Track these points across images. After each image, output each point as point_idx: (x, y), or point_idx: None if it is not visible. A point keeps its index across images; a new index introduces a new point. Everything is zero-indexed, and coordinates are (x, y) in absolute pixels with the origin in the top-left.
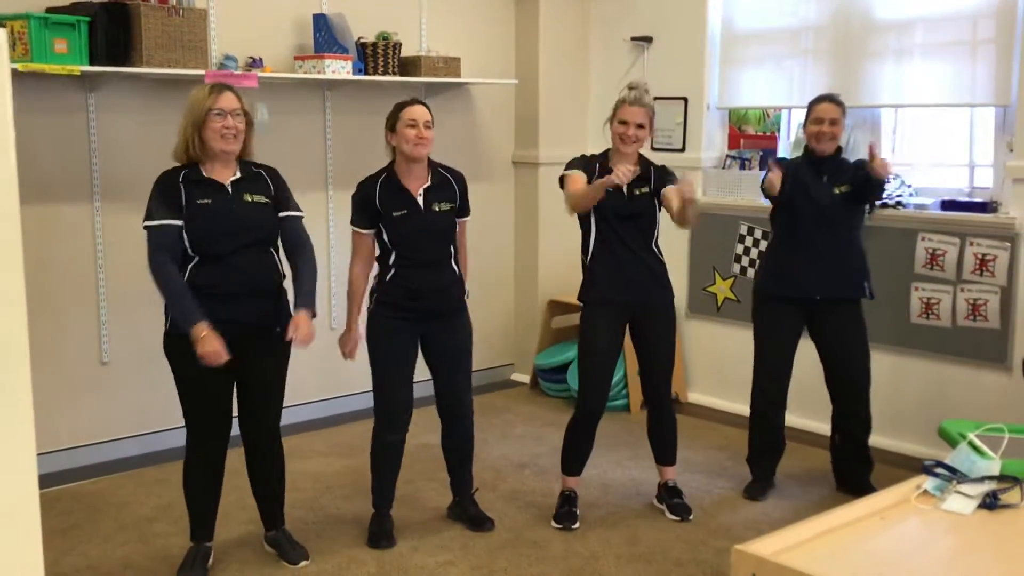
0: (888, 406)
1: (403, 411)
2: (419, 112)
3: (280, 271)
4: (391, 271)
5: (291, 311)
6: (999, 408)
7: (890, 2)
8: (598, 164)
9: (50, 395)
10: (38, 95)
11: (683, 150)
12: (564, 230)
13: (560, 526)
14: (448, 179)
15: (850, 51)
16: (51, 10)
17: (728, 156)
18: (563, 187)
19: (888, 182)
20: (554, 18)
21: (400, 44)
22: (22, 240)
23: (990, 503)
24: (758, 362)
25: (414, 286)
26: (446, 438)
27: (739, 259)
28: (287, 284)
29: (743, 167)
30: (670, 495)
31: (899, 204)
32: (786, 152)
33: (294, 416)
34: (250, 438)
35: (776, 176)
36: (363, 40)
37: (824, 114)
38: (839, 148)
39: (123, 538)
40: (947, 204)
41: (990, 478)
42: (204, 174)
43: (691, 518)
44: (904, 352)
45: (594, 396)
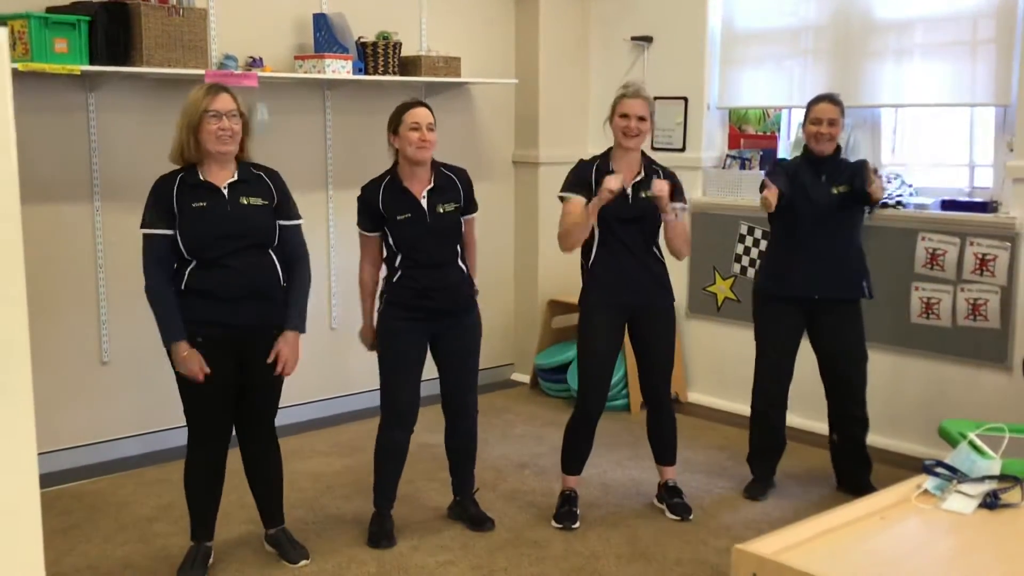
0: (888, 406)
1: (409, 411)
2: (422, 114)
3: (280, 273)
4: (398, 272)
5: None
6: (999, 408)
7: (890, 2)
8: (596, 168)
9: (50, 395)
10: (38, 95)
11: (683, 150)
12: None
13: (560, 526)
14: (452, 179)
15: (850, 51)
16: (51, 10)
17: (728, 156)
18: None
19: (889, 182)
20: (554, 18)
21: (400, 44)
22: (22, 240)
23: (991, 503)
24: (759, 362)
25: (421, 286)
26: (449, 437)
27: (739, 259)
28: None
29: (743, 167)
30: (670, 495)
31: (899, 204)
32: (786, 152)
33: (294, 416)
34: (248, 439)
35: (772, 194)
36: (363, 40)
37: (823, 114)
38: (838, 148)
39: (123, 538)
40: (947, 204)
41: (990, 478)
42: (201, 177)
43: (691, 518)
44: (904, 352)
45: (593, 396)
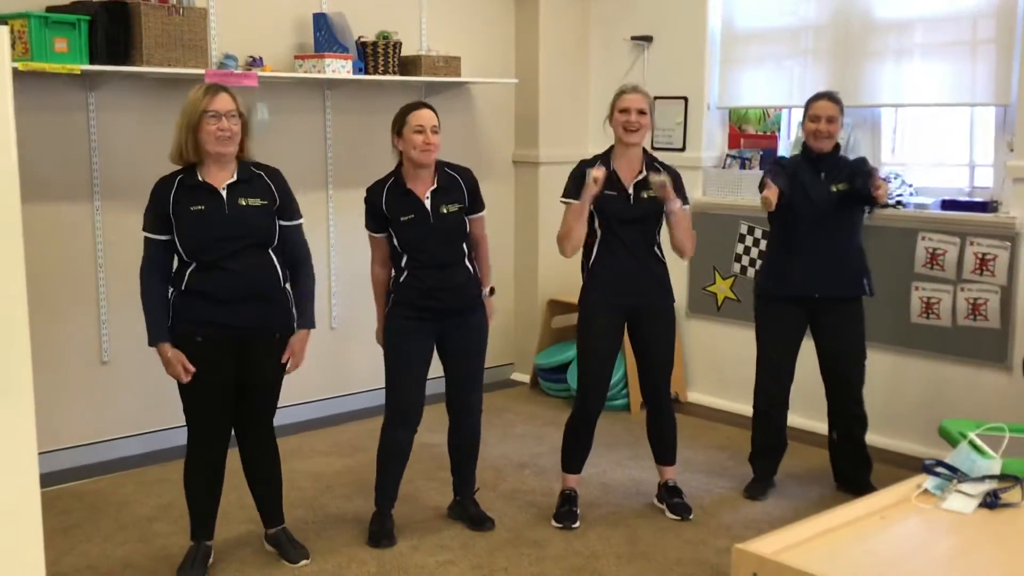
0: (888, 406)
1: (413, 411)
2: (426, 117)
3: (280, 273)
4: (404, 273)
5: (293, 316)
6: (999, 408)
7: (890, 2)
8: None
9: (50, 394)
10: (38, 94)
11: (683, 149)
12: None
13: (560, 525)
14: (456, 179)
15: (850, 51)
16: (51, 9)
17: (728, 156)
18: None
19: (890, 182)
20: (554, 18)
21: (400, 43)
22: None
23: (991, 502)
24: (760, 362)
25: (426, 286)
26: (452, 435)
27: (739, 259)
28: (289, 285)
29: (743, 167)
30: (670, 494)
31: (899, 204)
32: (786, 152)
33: (294, 416)
34: (247, 439)
35: (772, 193)
36: (363, 39)
37: (821, 111)
38: (837, 146)
39: (123, 537)
40: (947, 204)
41: (991, 477)
42: (200, 178)
43: (691, 517)
44: (904, 352)
45: (592, 396)
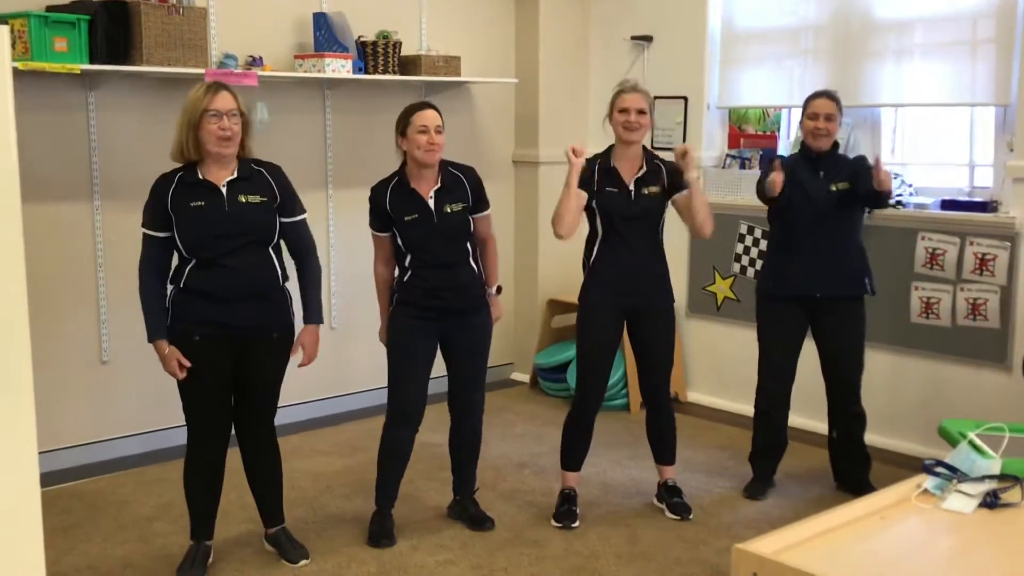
0: (888, 405)
1: (415, 410)
2: (430, 117)
3: (279, 272)
4: (408, 272)
5: (292, 315)
6: (999, 408)
7: (890, 2)
8: (598, 167)
9: (50, 394)
10: (38, 94)
11: None
12: None
13: (560, 525)
14: (459, 178)
15: (850, 51)
16: (51, 8)
17: (728, 155)
18: None
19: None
20: (554, 17)
21: (400, 43)
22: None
23: (991, 502)
24: (762, 361)
25: (430, 286)
26: (454, 435)
27: (739, 258)
28: (289, 285)
29: (743, 166)
30: (670, 494)
31: (899, 203)
32: (786, 151)
33: (294, 415)
34: (246, 439)
35: (779, 176)
36: (363, 39)
37: (820, 109)
38: (836, 144)
39: (123, 537)
40: (947, 204)
41: (990, 477)
42: (200, 176)
43: (691, 517)
44: (904, 351)
45: (591, 393)
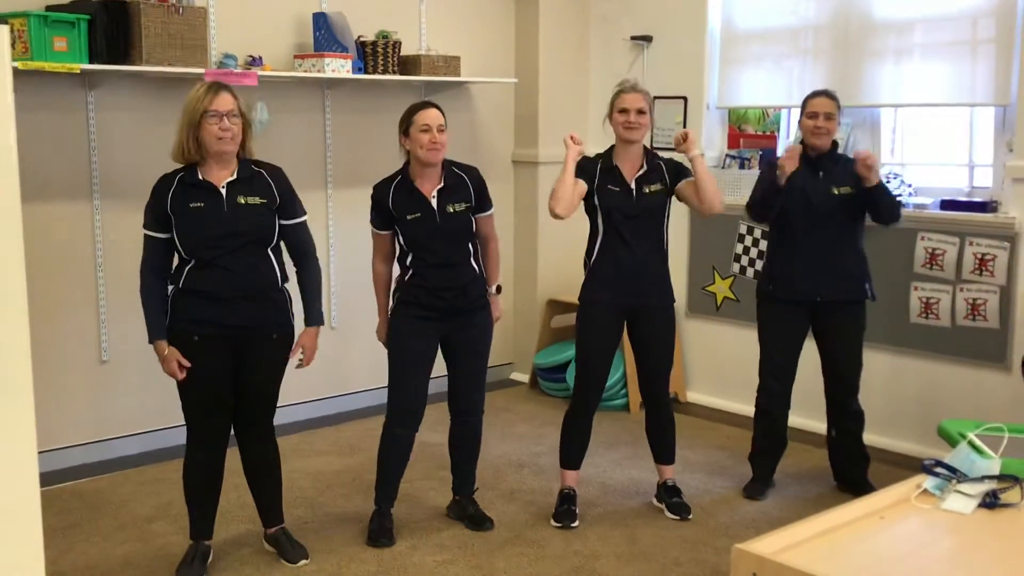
0: (887, 405)
1: (415, 410)
2: (432, 116)
3: (279, 273)
4: (409, 271)
5: (291, 315)
6: (998, 408)
7: (890, 2)
8: (600, 166)
9: (50, 394)
10: (38, 93)
11: None
12: (564, 229)
13: (559, 525)
14: (462, 178)
15: (850, 51)
16: (51, 8)
17: (728, 156)
18: None
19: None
20: (554, 17)
21: (400, 43)
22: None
23: (990, 502)
24: (763, 361)
25: (432, 285)
26: (454, 434)
27: (739, 258)
28: (288, 286)
29: (743, 167)
30: (669, 494)
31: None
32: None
33: (294, 415)
34: (247, 439)
35: (795, 151)
36: (363, 39)
37: (819, 108)
38: (835, 144)
39: (122, 537)
40: (947, 204)
41: (990, 477)
42: (200, 176)
43: (690, 517)
44: (903, 352)
45: (589, 391)
